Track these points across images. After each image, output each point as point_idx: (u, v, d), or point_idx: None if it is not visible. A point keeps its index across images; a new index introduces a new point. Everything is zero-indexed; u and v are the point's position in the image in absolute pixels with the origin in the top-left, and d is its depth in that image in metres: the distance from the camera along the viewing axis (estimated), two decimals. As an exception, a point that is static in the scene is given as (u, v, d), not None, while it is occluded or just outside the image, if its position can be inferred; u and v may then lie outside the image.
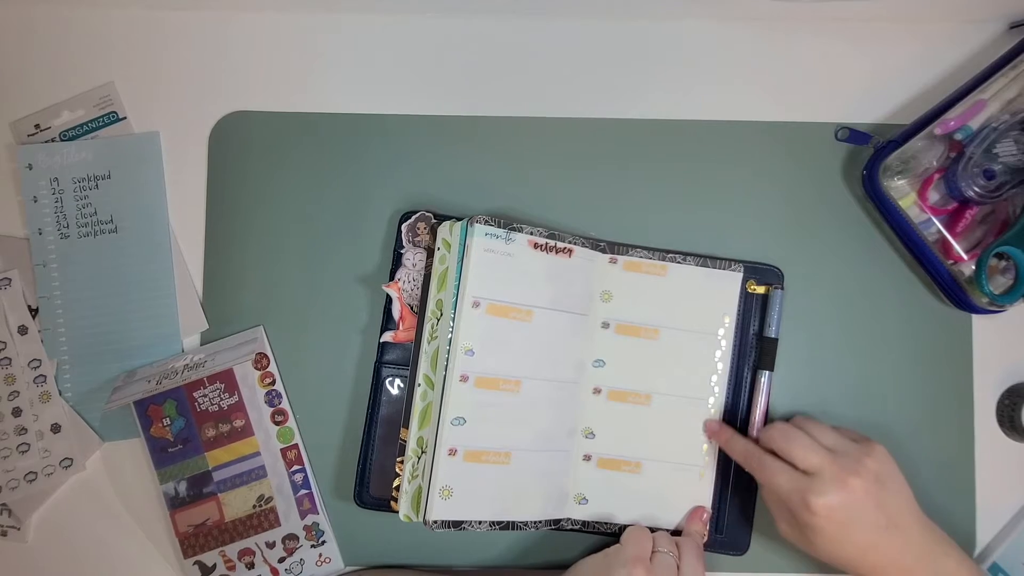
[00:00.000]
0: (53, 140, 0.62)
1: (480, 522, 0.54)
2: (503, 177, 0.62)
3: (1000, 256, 0.57)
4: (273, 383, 0.60)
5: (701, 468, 0.59)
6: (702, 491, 0.59)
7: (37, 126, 0.62)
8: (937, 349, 0.61)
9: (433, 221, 0.59)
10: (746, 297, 0.60)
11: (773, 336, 0.59)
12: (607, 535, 0.58)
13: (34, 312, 0.61)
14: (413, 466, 0.55)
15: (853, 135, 0.60)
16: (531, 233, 0.55)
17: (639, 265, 0.59)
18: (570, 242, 0.57)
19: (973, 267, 0.57)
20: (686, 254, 0.59)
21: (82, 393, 0.61)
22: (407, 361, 0.58)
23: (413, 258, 0.59)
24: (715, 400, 0.59)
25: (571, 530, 0.58)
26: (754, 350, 0.60)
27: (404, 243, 0.59)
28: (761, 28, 0.63)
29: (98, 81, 0.63)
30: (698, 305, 0.59)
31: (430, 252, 0.57)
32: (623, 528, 0.57)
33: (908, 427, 0.61)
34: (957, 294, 0.58)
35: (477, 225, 0.54)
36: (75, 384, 0.61)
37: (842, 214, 0.62)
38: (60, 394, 0.60)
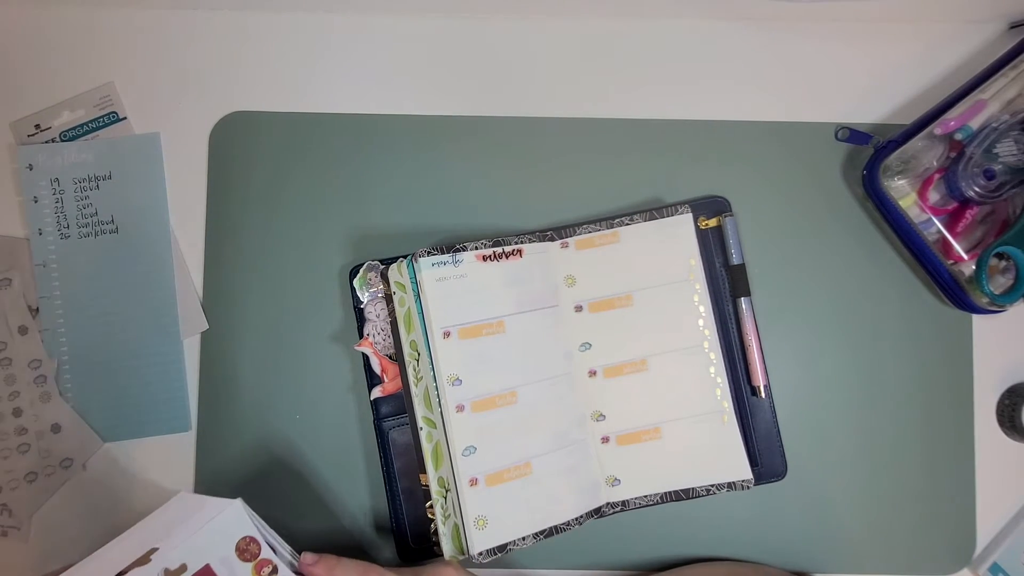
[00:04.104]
0: (53, 140, 0.62)
1: (523, 538, 0.54)
2: (505, 177, 0.62)
3: (1000, 256, 0.57)
4: (275, 571, 0.47)
5: (722, 413, 0.58)
6: (730, 435, 0.58)
7: (37, 126, 0.62)
8: (937, 349, 0.61)
9: (381, 267, 0.59)
10: (701, 234, 0.60)
11: (738, 262, 0.59)
12: (651, 506, 0.58)
13: (34, 312, 0.61)
14: (443, 507, 0.55)
15: (853, 135, 0.60)
16: (476, 248, 0.55)
17: (591, 240, 0.59)
18: (517, 243, 0.57)
19: (973, 267, 0.57)
20: (632, 213, 0.59)
21: (82, 393, 0.61)
22: (404, 409, 0.58)
23: (375, 309, 0.59)
24: (709, 343, 0.58)
25: (615, 513, 0.58)
26: (725, 282, 0.60)
27: (361, 298, 0.59)
28: (761, 28, 0.63)
29: (98, 81, 0.63)
30: (660, 258, 0.59)
31: (388, 298, 0.57)
32: (666, 496, 0.57)
33: (908, 427, 0.61)
34: (957, 294, 0.58)
35: (421, 259, 0.54)
36: (75, 384, 0.61)
37: (842, 214, 0.62)
38: (60, 394, 0.60)
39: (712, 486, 0.57)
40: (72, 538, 0.60)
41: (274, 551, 0.49)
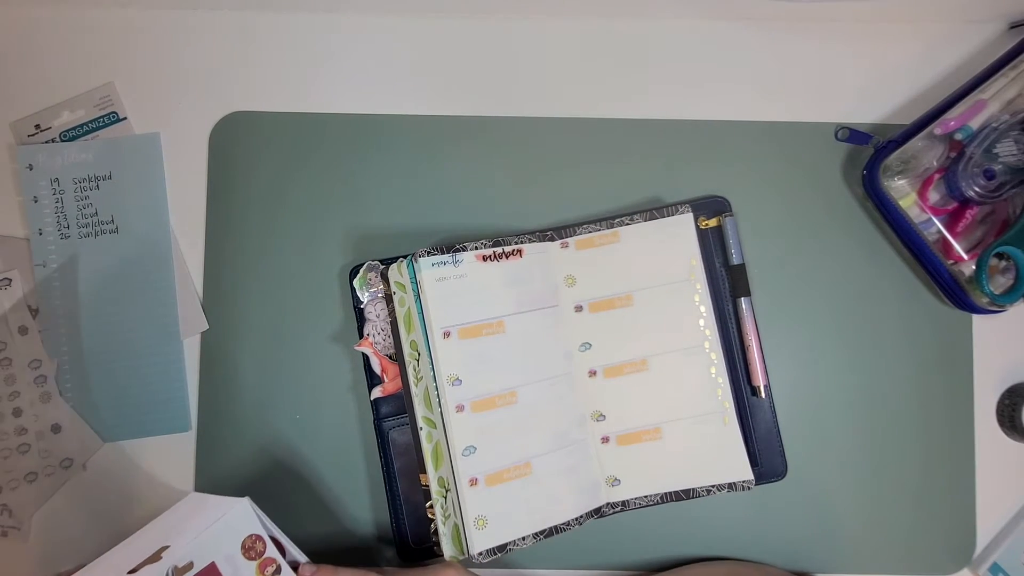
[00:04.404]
0: (53, 140, 0.62)
1: (523, 538, 0.54)
2: (505, 177, 0.62)
3: (1000, 256, 0.57)
4: (278, 571, 0.48)
5: (723, 414, 0.58)
6: (731, 436, 0.58)
7: (37, 126, 0.62)
8: (937, 349, 0.61)
9: (381, 267, 0.59)
10: (701, 234, 0.59)
11: (738, 262, 0.59)
12: (652, 506, 0.58)
13: (34, 312, 0.61)
14: (443, 507, 0.55)
15: (853, 135, 0.61)
16: (476, 248, 0.55)
17: (591, 240, 0.59)
18: (517, 243, 0.57)
19: (973, 267, 0.57)
20: (632, 213, 0.59)
21: (82, 393, 0.61)
22: (404, 409, 0.58)
23: (375, 309, 0.59)
24: (710, 343, 0.58)
25: (615, 513, 0.58)
26: (725, 282, 0.60)
27: (361, 298, 0.59)
28: (761, 28, 0.63)
29: (98, 81, 0.63)
30: (661, 258, 0.59)
31: (388, 298, 0.57)
32: (666, 496, 0.57)
33: (908, 427, 0.61)
34: (957, 294, 0.58)
35: (421, 259, 0.54)
36: (75, 384, 0.61)
37: (842, 214, 0.62)
38: (60, 394, 0.60)
39: (713, 486, 0.57)
40: (72, 538, 0.60)
41: (282, 549, 0.49)
